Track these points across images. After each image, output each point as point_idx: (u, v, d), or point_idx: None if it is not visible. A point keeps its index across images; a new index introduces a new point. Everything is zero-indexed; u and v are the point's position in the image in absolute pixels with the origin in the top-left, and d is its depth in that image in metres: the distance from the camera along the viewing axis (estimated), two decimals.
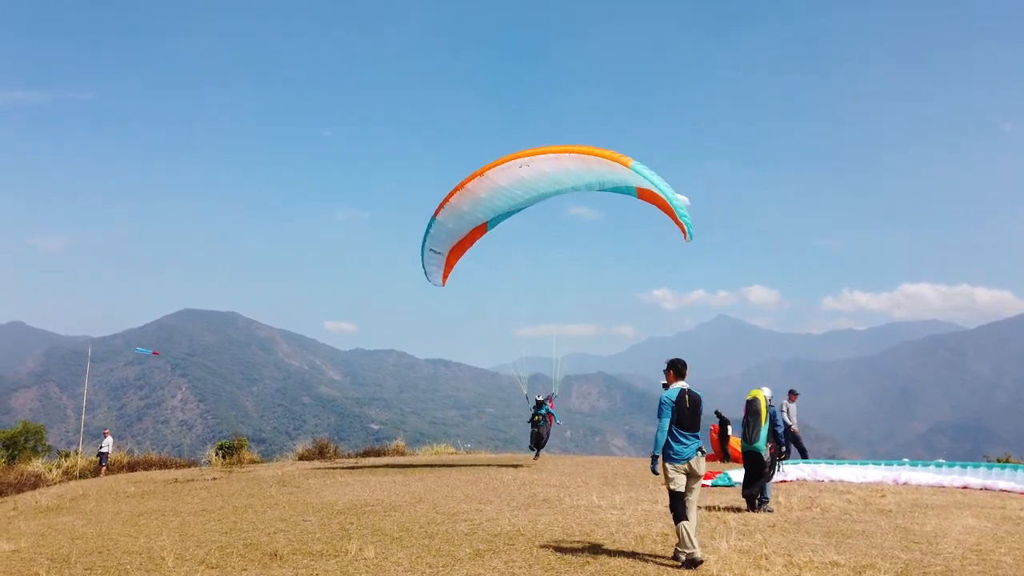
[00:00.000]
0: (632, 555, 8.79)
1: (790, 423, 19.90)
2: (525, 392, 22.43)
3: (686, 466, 8.56)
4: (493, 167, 18.70)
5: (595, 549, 9.18)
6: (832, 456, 24.26)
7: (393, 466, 23.48)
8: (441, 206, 20.05)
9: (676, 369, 8.92)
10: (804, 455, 20.36)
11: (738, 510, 12.33)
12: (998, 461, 21.52)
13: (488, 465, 23.49)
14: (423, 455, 31.89)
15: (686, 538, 8.33)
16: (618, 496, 14.12)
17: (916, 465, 17.06)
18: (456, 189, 19.52)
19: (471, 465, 23.51)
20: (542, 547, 9.38)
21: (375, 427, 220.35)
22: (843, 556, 8.60)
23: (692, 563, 8.22)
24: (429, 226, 20.61)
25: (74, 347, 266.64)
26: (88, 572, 9.24)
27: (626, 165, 16.61)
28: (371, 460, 28.19)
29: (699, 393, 8.87)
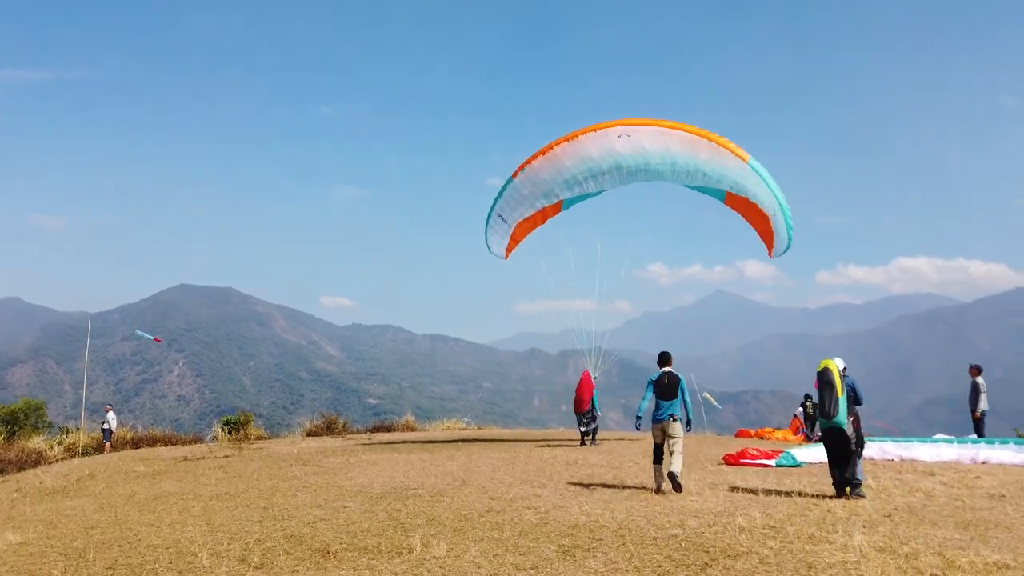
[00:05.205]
0: (753, 554, 7.46)
1: (982, 405, 18.56)
2: (596, 374, 20.42)
3: (662, 425, 11.65)
4: (587, 132, 16.95)
5: (702, 545, 7.84)
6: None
7: (411, 442, 22.28)
8: (521, 167, 18.26)
9: (661, 359, 12.25)
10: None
11: (829, 496, 10.98)
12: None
13: (512, 440, 22.30)
14: (435, 430, 30.78)
15: (655, 475, 11.61)
16: (683, 478, 12.83)
17: (993, 443, 15.85)
18: (540, 152, 17.75)
19: (492, 440, 22.32)
20: (637, 542, 8.06)
21: (373, 402, 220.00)
22: (1003, 555, 7.29)
23: (658, 489, 11.46)
24: (503, 188, 18.83)
25: (71, 322, 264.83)
26: (110, 572, 7.93)
27: (743, 159, 14.99)
28: (384, 436, 27.03)
29: (679, 375, 11.90)
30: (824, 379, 11.38)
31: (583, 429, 19.82)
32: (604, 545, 8.01)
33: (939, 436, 18.92)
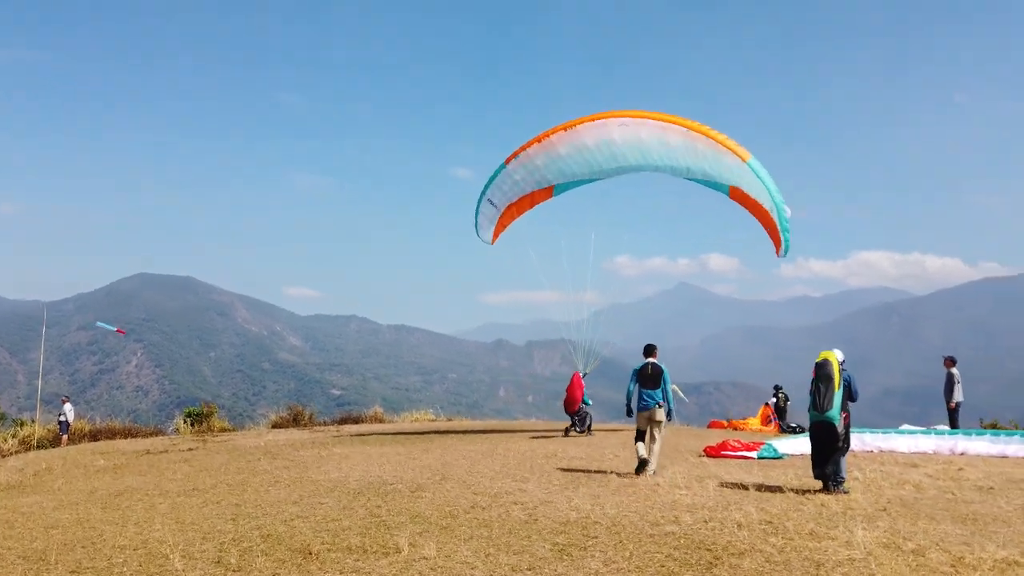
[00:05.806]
0: (756, 552, 7.20)
1: (957, 396, 18.65)
2: (586, 370, 20.24)
3: (648, 414, 12.30)
4: (585, 122, 16.90)
5: (702, 543, 7.58)
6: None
7: (382, 435, 21.78)
8: (515, 154, 18.21)
9: (646, 350, 12.89)
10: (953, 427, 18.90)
11: (819, 490, 10.80)
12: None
13: (486, 432, 21.93)
14: (404, 422, 30.23)
15: (638, 450, 12.27)
16: (667, 471, 12.62)
17: (971, 434, 15.92)
18: (536, 139, 17.68)
19: (466, 432, 21.91)
20: (634, 540, 7.77)
21: (336, 393, 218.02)
22: (1009, 551, 7.14)
23: (641, 465, 12.14)
24: (495, 173, 18.75)
25: (24, 311, 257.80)
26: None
27: (743, 158, 15.08)
28: (352, 428, 26.43)
29: (662, 366, 12.53)
30: (823, 372, 11.14)
31: (577, 428, 19.78)
32: (600, 543, 7.70)
33: (906, 427, 18.98)
